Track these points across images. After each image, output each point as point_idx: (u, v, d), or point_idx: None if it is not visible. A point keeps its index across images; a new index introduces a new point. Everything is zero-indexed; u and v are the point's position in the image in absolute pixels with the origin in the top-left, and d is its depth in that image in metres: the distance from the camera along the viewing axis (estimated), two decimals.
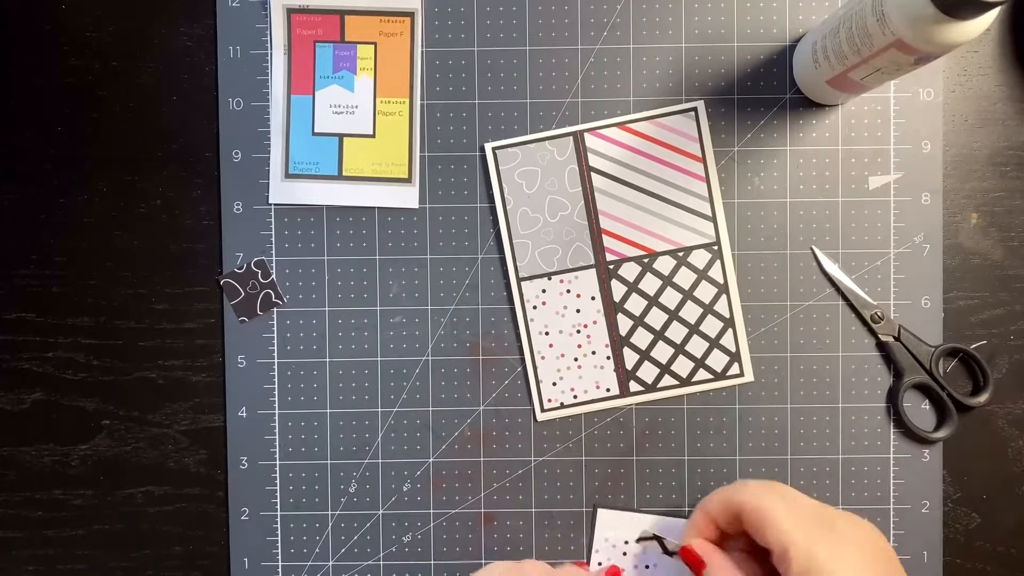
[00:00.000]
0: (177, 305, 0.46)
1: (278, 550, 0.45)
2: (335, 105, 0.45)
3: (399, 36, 0.45)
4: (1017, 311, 0.45)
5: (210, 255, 0.46)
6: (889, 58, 0.35)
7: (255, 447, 0.45)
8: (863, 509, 0.45)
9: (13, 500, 0.46)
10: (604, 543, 0.45)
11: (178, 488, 0.46)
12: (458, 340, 0.45)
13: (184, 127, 0.46)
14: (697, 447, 0.45)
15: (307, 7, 0.45)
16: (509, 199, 0.45)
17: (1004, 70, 0.45)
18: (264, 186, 0.45)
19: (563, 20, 0.45)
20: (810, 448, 0.45)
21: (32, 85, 0.46)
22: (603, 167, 0.45)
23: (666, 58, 0.45)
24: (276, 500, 0.45)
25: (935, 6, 0.31)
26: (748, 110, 0.45)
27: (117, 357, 0.46)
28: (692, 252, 0.45)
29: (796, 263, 0.45)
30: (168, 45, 0.46)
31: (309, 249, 0.46)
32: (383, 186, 0.45)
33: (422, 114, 0.45)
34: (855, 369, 0.45)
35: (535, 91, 0.45)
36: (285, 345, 0.45)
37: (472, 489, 0.45)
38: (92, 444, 0.46)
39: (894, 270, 0.45)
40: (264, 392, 0.45)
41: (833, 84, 0.41)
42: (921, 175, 0.45)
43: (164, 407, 0.46)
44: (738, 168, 0.45)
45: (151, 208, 0.46)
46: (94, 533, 0.46)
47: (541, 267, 0.45)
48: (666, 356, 0.45)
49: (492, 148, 0.45)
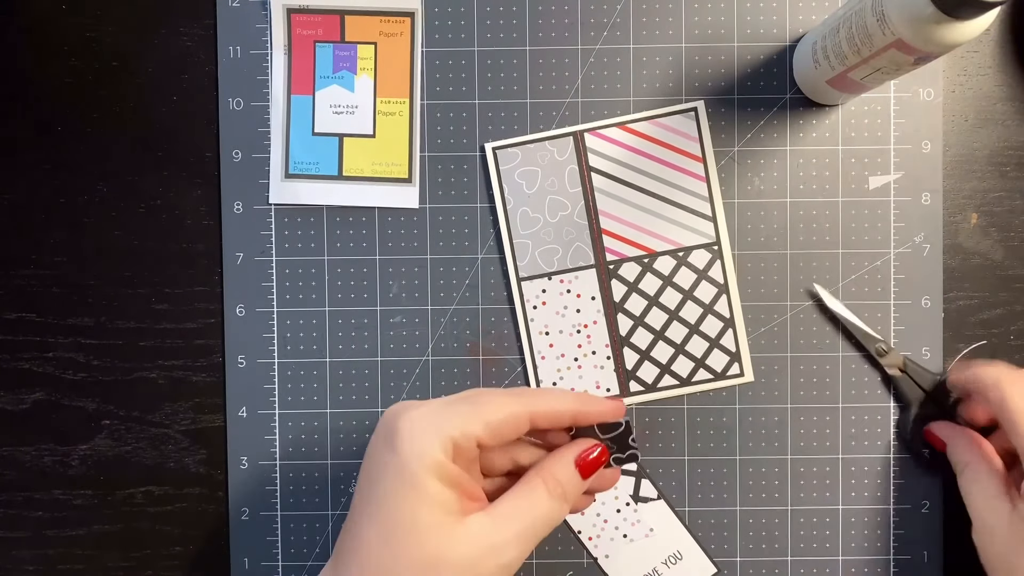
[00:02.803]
0: (177, 305, 0.46)
1: (278, 550, 0.45)
2: (335, 105, 0.45)
3: (399, 36, 0.45)
4: (1017, 311, 0.45)
5: (210, 255, 0.46)
6: (889, 58, 0.35)
7: (255, 447, 0.45)
8: (863, 509, 0.45)
9: (13, 500, 0.46)
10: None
11: (178, 488, 0.46)
12: (458, 340, 0.45)
13: (184, 127, 0.46)
14: (697, 447, 0.45)
15: (307, 7, 0.45)
16: (509, 199, 0.45)
17: (1004, 70, 0.45)
18: (264, 186, 0.45)
19: (563, 20, 0.45)
20: (810, 448, 0.45)
21: (32, 85, 0.46)
22: (603, 167, 0.45)
23: (666, 58, 0.45)
24: (276, 500, 0.45)
25: (935, 6, 0.31)
26: (748, 110, 0.45)
27: (117, 357, 0.46)
28: (692, 252, 0.45)
29: (796, 263, 0.45)
30: (168, 45, 0.46)
31: (309, 249, 0.46)
32: (383, 186, 0.45)
33: (422, 114, 0.45)
34: (855, 369, 0.45)
35: (535, 91, 0.45)
36: (285, 345, 0.45)
37: None
38: (92, 444, 0.46)
39: (894, 270, 0.45)
40: (264, 392, 0.45)
41: (833, 84, 0.41)
42: (921, 175, 0.45)
43: (164, 407, 0.46)
44: (738, 168, 0.45)
45: (151, 208, 0.46)
46: (94, 533, 0.46)
47: (541, 267, 0.45)
48: (666, 356, 0.45)
49: (492, 148, 0.45)
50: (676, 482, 0.45)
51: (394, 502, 0.31)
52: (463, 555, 0.31)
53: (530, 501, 0.33)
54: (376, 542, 0.31)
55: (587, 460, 0.35)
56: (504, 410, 0.33)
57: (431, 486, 0.31)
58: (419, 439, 0.31)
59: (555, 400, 0.34)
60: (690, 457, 0.45)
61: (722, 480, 0.45)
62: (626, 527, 0.45)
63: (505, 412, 0.33)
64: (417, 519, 0.31)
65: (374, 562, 0.31)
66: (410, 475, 0.31)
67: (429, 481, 0.31)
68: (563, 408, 0.34)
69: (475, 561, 0.31)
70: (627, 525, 0.45)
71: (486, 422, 0.32)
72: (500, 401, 0.33)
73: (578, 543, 0.45)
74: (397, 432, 0.32)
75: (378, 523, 0.31)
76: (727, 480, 0.45)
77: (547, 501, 0.33)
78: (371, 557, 0.31)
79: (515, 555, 0.32)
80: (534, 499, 0.33)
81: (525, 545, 0.32)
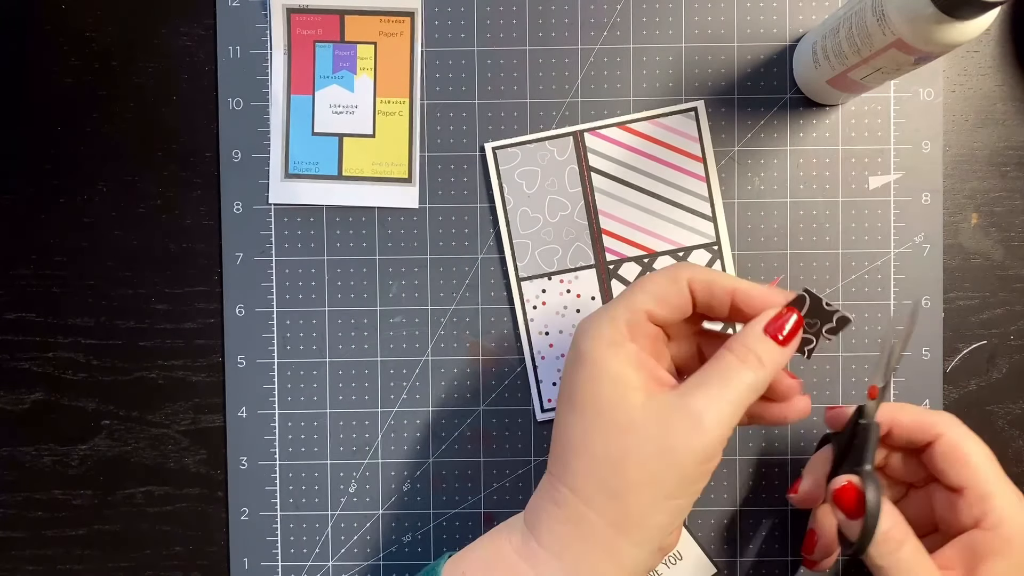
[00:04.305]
0: (177, 305, 0.46)
1: (278, 550, 0.45)
2: (335, 105, 0.45)
3: (399, 36, 0.45)
4: (1017, 311, 0.45)
5: (210, 255, 0.46)
6: (889, 58, 0.35)
7: (255, 447, 0.45)
8: None
9: (13, 500, 0.46)
10: None
11: (178, 488, 0.46)
12: (458, 340, 0.45)
13: (184, 127, 0.46)
14: None
15: (307, 7, 0.45)
16: (509, 199, 0.45)
17: (1004, 70, 0.45)
18: (264, 186, 0.45)
19: (563, 20, 0.45)
20: (810, 448, 0.45)
21: (32, 85, 0.46)
22: (603, 167, 0.45)
23: (666, 58, 0.45)
24: (276, 500, 0.45)
25: (935, 6, 0.31)
26: (748, 110, 0.45)
27: (117, 357, 0.46)
28: (692, 252, 0.45)
29: (796, 263, 0.45)
30: (168, 45, 0.46)
31: (309, 249, 0.46)
32: (383, 186, 0.45)
33: (422, 114, 0.45)
34: (855, 369, 0.45)
35: (535, 91, 0.45)
36: (285, 345, 0.45)
37: (472, 489, 0.45)
38: (92, 444, 0.46)
39: (894, 270, 0.45)
40: (264, 392, 0.45)
41: (833, 84, 0.41)
42: (921, 175, 0.45)
43: (164, 407, 0.46)
44: (738, 168, 0.45)
45: (151, 208, 0.46)
46: (94, 533, 0.46)
47: (541, 267, 0.45)
48: None
49: (492, 148, 0.45)
50: None
51: (580, 386, 0.32)
52: (653, 420, 0.31)
53: (720, 370, 0.32)
54: (570, 424, 0.32)
55: (776, 324, 0.33)
56: (661, 278, 0.33)
57: (611, 365, 0.32)
58: (593, 327, 0.33)
59: (709, 270, 0.34)
60: None
61: (722, 480, 0.45)
62: None
63: (663, 279, 0.33)
64: (602, 395, 0.32)
65: (571, 443, 0.32)
66: (591, 359, 0.32)
67: (608, 361, 0.32)
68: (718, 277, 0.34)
69: (667, 424, 0.31)
70: None
71: (648, 293, 0.33)
72: (656, 274, 0.34)
73: None
74: (577, 331, 0.34)
75: (570, 409, 0.33)
76: (727, 480, 0.45)
77: (739, 367, 0.32)
78: (568, 440, 0.32)
79: (713, 420, 0.30)
80: (724, 367, 0.32)
81: (723, 410, 0.31)
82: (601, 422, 0.31)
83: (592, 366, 0.32)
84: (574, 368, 0.33)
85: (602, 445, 0.31)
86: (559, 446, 0.33)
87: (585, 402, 0.32)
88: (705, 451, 0.31)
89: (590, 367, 0.32)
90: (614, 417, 0.31)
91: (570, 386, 0.33)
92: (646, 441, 0.31)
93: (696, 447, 0.30)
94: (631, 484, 0.31)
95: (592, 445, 0.32)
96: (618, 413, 0.31)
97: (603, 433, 0.31)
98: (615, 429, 0.31)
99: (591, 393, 0.32)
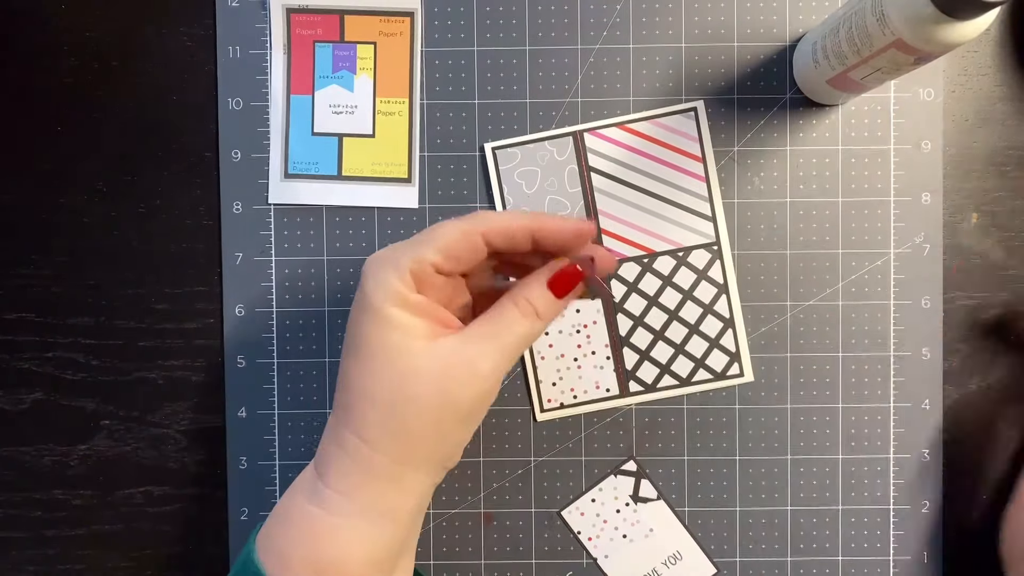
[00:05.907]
0: (177, 305, 0.46)
1: None
2: (335, 105, 0.45)
3: (399, 36, 0.45)
4: (1017, 311, 0.45)
5: (210, 255, 0.46)
6: (889, 58, 0.35)
7: (255, 447, 0.45)
8: (863, 509, 0.45)
9: (13, 500, 0.46)
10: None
11: (178, 488, 0.46)
12: None
13: (184, 127, 0.46)
14: (697, 447, 0.45)
15: (307, 7, 0.45)
16: (509, 199, 0.45)
17: (1004, 70, 0.45)
18: (264, 186, 0.45)
19: (563, 20, 0.45)
20: (810, 448, 0.45)
21: (32, 85, 0.46)
22: (603, 167, 0.45)
23: (666, 58, 0.45)
24: (276, 500, 0.45)
25: (935, 6, 0.31)
26: (748, 110, 0.45)
27: (117, 357, 0.46)
28: (692, 252, 0.45)
29: (796, 263, 0.45)
30: (168, 45, 0.46)
31: (309, 249, 0.46)
32: (383, 186, 0.45)
33: (422, 114, 0.45)
34: (855, 369, 0.45)
35: (535, 91, 0.45)
36: (285, 345, 0.45)
37: (472, 489, 0.45)
38: (92, 444, 0.46)
39: (894, 270, 0.45)
40: (264, 392, 0.45)
41: (833, 84, 0.41)
42: (921, 175, 0.45)
43: (164, 407, 0.46)
44: (738, 168, 0.45)
45: (151, 208, 0.46)
46: (94, 533, 0.46)
47: None
48: (666, 356, 0.45)
49: (492, 148, 0.45)
50: (676, 482, 0.45)
51: (364, 334, 0.33)
52: (434, 367, 0.32)
53: (500, 319, 0.33)
54: (355, 372, 0.33)
55: (558, 277, 0.34)
56: (454, 231, 0.33)
57: (395, 315, 0.32)
58: (379, 274, 0.33)
59: (507, 217, 0.34)
60: (690, 457, 0.45)
61: (722, 480, 0.45)
62: (626, 527, 0.45)
63: (455, 233, 0.33)
64: (386, 343, 0.32)
65: (355, 390, 0.33)
66: (375, 308, 0.32)
67: (392, 310, 0.32)
68: (515, 223, 0.33)
69: (446, 371, 0.32)
70: (627, 525, 0.45)
71: (437, 246, 0.33)
72: (451, 225, 0.33)
73: (578, 543, 0.45)
74: (363, 275, 0.33)
75: (355, 356, 0.33)
76: (727, 480, 0.45)
77: (518, 319, 0.33)
78: (353, 386, 0.33)
79: (488, 367, 0.32)
80: (504, 317, 0.33)
81: (497, 358, 0.33)
82: (383, 370, 0.32)
83: (375, 314, 0.32)
84: (358, 313, 0.33)
85: (385, 392, 0.32)
86: (343, 392, 0.34)
87: (368, 349, 0.33)
88: (481, 395, 0.33)
89: (373, 315, 0.32)
90: (395, 365, 0.32)
91: (354, 332, 0.33)
92: (426, 387, 0.32)
93: (473, 392, 0.33)
94: (414, 427, 0.32)
95: (375, 391, 0.32)
96: (400, 361, 0.32)
97: (386, 380, 0.32)
98: (397, 376, 0.32)
99: (374, 341, 0.33)
